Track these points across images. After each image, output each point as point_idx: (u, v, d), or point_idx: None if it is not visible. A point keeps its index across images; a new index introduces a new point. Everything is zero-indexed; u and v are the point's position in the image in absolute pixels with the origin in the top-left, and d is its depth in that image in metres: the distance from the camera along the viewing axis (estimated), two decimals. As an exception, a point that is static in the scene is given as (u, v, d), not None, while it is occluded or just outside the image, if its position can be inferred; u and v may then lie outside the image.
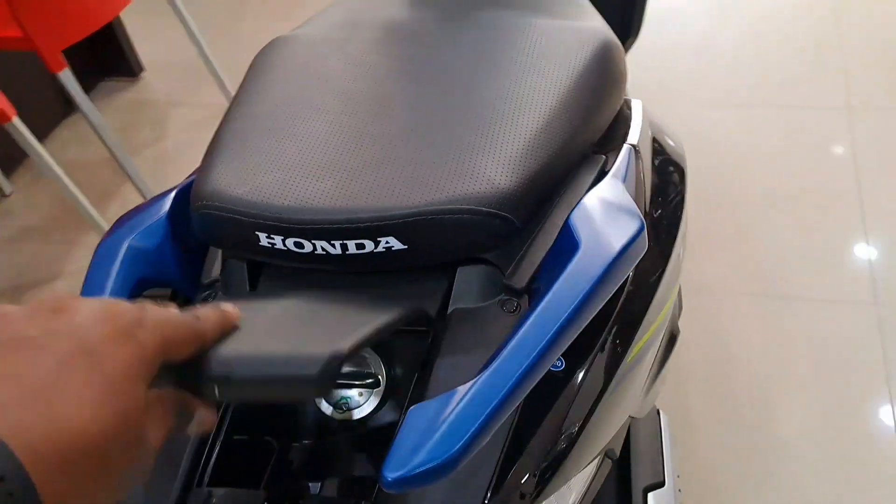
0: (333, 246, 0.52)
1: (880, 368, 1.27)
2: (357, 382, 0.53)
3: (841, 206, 1.58)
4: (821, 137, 1.74)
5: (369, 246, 0.52)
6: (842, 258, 1.48)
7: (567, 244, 0.52)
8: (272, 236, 0.53)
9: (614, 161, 0.66)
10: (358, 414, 0.53)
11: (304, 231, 0.52)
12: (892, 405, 1.22)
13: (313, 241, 0.52)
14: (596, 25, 0.70)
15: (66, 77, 1.62)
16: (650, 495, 0.88)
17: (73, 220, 1.89)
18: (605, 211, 0.54)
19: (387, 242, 0.52)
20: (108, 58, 2.30)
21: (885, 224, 1.52)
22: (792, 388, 1.28)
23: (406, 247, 0.52)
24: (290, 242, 0.53)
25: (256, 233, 0.53)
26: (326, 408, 0.54)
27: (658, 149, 0.78)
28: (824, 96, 1.84)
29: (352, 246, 0.52)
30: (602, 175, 0.64)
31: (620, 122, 0.75)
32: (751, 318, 1.40)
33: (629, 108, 0.79)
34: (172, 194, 0.62)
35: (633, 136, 0.71)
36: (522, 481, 0.51)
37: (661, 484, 0.89)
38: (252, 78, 0.70)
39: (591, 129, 0.64)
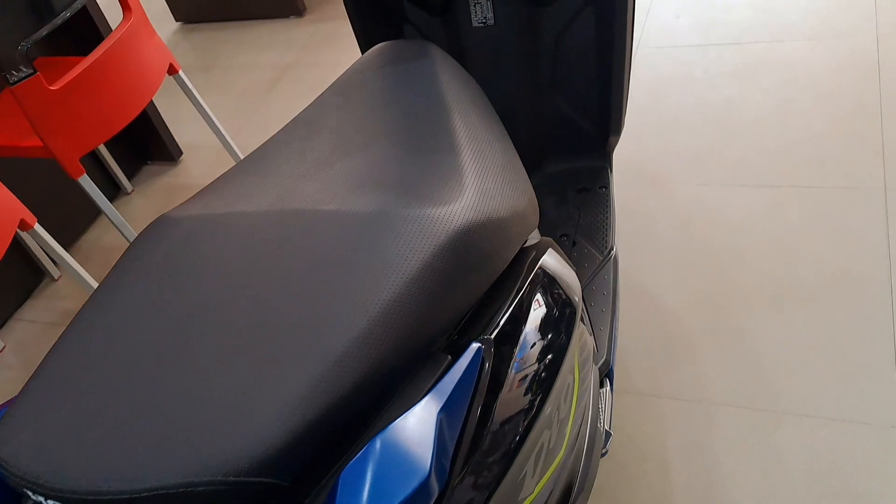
0: None
1: None
2: None
3: (870, 308, 1.45)
4: (850, 224, 1.61)
5: None
6: (868, 375, 1.35)
7: None
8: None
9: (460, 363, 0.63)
10: None
11: (65, 500, 0.52)
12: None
13: None
14: (451, 211, 0.67)
15: (86, 182, 1.72)
16: None
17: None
18: (383, 464, 0.51)
19: None
20: (148, 143, 2.42)
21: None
22: None
23: None
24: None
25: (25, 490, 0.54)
26: None
27: (545, 321, 0.74)
28: (857, 176, 1.71)
29: None
30: (434, 384, 0.61)
31: (492, 303, 0.71)
32: (750, 447, 1.30)
33: (524, 268, 0.75)
34: None
35: (496, 325, 0.68)
36: None
37: None
38: (98, 297, 0.70)
39: (422, 335, 0.61)
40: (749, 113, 1.96)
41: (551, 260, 0.81)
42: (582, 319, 0.84)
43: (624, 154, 1.95)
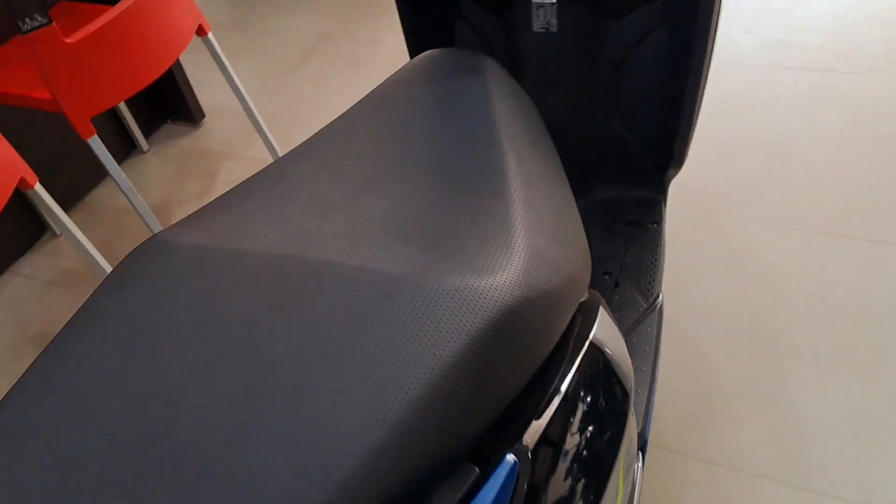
0: None
1: None
2: None
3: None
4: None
5: None
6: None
7: None
8: None
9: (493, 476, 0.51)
10: None
11: None
12: None
13: None
14: (496, 285, 0.54)
15: (96, 144, 1.60)
16: None
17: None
18: None
19: None
20: (170, 102, 2.30)
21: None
22: None
23: None
24: None
25: None
26: None
27: (594, 401, 0.62)
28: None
29: None
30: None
31: (531, 393, 0.59)
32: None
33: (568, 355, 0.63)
34: None
35: (536, 426, 0.55)
36: None
37: None
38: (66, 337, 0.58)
39: (448, 446, 0.49)
40: (811, 148, 1.81)
41: (603, 332, 0.69)
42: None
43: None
